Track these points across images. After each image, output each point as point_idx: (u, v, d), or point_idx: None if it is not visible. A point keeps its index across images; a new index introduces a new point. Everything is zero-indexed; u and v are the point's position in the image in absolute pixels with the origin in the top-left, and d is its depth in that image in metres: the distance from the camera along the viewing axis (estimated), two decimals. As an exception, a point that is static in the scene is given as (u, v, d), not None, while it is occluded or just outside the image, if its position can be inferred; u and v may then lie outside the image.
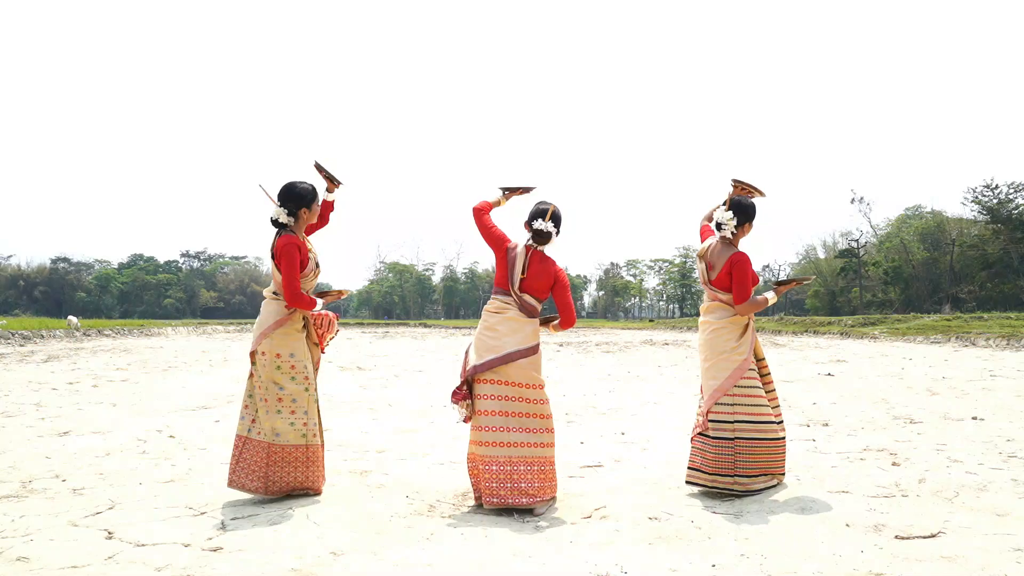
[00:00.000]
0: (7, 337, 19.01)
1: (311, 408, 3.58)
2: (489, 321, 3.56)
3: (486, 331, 3.54)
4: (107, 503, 3.53)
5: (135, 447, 5.00)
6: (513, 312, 3.55)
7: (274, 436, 3.48)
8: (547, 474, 3.45)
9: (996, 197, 41.64)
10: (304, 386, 3.56)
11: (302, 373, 3.57)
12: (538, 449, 3.44)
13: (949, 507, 3.46)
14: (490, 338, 3.50)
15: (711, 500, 3.65)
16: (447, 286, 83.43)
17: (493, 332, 3.51)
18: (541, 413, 3.49)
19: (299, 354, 3.58)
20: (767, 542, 2.96)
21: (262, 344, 3.54)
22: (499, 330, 3.51)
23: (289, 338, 3.57)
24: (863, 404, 7.23)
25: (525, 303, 3.58)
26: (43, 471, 4.21)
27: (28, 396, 7.74)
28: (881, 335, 24.05)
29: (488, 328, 3.54)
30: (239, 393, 8.25)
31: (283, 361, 3.53)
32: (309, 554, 2.80)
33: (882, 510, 3.41)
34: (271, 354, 3.53)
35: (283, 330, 3.56)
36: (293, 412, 3.52)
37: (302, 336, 3.63)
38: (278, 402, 3.50)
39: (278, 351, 3.53)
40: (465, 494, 3.76)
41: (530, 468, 3.40)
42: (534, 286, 3.60)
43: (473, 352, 3.53)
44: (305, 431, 3.54)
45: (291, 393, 3.52)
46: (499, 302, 3.60)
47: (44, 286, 74.58)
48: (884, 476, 4.09)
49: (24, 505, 3.48)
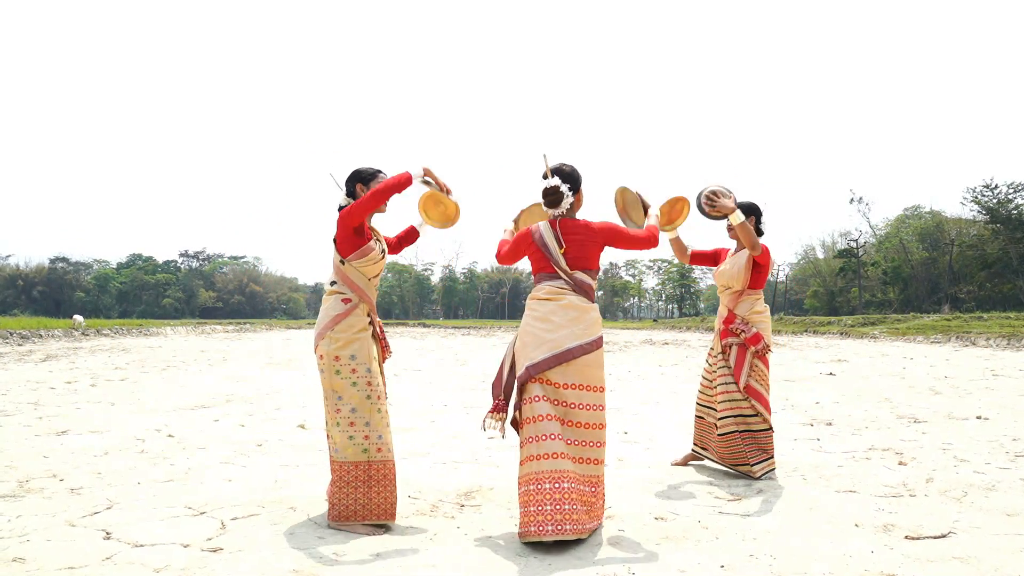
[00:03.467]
0: (5, 336, 18.94)
1: (374, 418, 3.10)
2: (540, 310, 2.95)
3: (538, 322, 2.94)
4: (105, 503, 3.48)
5: (133, 446, 4.94)
6: (571, 297, 2.95)
7: (334, 452, 3.12)
8: (599, 496, 2.94)
9: (995, 197, 41.63)
10: (366, 393, 3.09)
11: (364, 378, 3.09)
12: (593, 467, 2.90)
13: (958, 507, 3.42)
14: (544, 330, 2.91)
15: (716, 499, 3.61)
16: (446, 286, 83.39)
17: (547, 323, 2.91)
18: (600, 423, 2.93)
19: (361, 355, 3.11)
20: (776, 542, 2.92)
21: (320, 346, 3.13)
22: (554, 320, 2.91)
23: (350, 337, 3.11)
24: (866, 403, 7.19)
25: (579, 282, 3.00)
26: (40, 470, 4.16)
27: (26, 395, 7.69)
28: (881, 335, 24.03)
29: (540, 319, 2.93)
30: (238, 393, 8.20)
31: (342, 364, 3.09)
32: (310, 555, 2.75)
33: (891, 510, 3.36)
34: (329, 357, 3.10)
35: (343, 326, 3.11)
36: (352, 424, 3.08)
37: (366, 334, 3.16)
38: (336, 413, 3.10)
39: (337, 353, 3.09)
40: (468, 493, 3.71)
41: (584, 491, 2.84)
42: (580, 258, 3.01)
43: (522, 349, 2.95)
44: (367, 445, 3.08)
45: (350, 402, 3.08)
46: (550, 286, 2.99)
47: (43, 286, 74.42)
48: (891, 475, 4.05)
49: (21, 504, 3.43)
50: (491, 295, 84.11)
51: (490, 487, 3.84)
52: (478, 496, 3.68)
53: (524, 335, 2.96)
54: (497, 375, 3.05)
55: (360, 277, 3.15)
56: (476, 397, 7.96)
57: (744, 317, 4.09)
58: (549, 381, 2.87)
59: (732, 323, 4.10)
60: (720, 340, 4.17)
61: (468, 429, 5.75)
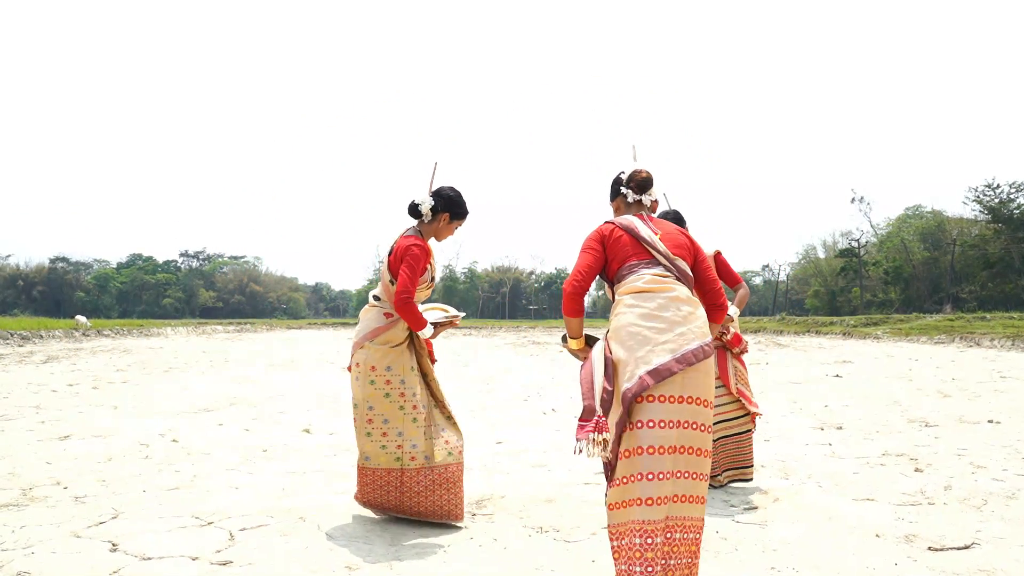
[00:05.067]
0: (6, 338, 18.89)
1: (408, 428, 3.11)
2: (646, 305, 2.28)
3: (644, 320, 2.25)
4: (110, 512, 3.42)
5: (138, 452, 4.88)
6: (680, 288, 2.34)
7: (364, 459, 3.15)
8: (699, 544, 2.27)
9: (997, 196, 41.56)
10: (399, 404, 3.11)
11: (397, 389, 3.12)
12: (701, 507, 2.24)
13: (979, 516, 3.36)
14: (656, 330, 2.23)
15: (731, 507, 3.55)
16: (446, 286, 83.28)
17: (659, 320, 2.25)
18: (709, 448, 2.27)
19: (397, 367, 3.13)
20: (797, 554, 2.86)
21: (357, 355, 3.15)
22: (666, 316, 2.25)
23: (388, 349, 3.13)
24: (875, 406, 7.13)
25: (682, 271, 2.41)
26: (44, 477, 4.10)
27: (28, 398, 7.63)
28: (884, 335, 23.97)
29: (648, 316, 2.26)
30: (241, 395, 8.14)
31: (378, 375, 3.10)
32: (323, 568, 2.69)
33: (911, 519, 3.30)
34: (365, 367, 3.12)
35: (382, 338, 3.13)
36: (385, 434, 3.10)
37: (403, 347, 3.16)
38: (368, 423, 3.11)
39: (373, 363, 3.11)
40: (479, 502, 3.65)
41: (690, 538, 2.21)
42: (676, 246, 2.46)
43: (628, 354, 2.22)
44: (400, 454, 3.10)
45: (383, 413, 3.10)
46: (651, 274, 2.36)
47: (43, 286, 74.37)
48: (908, 483, 3.99)
49: (25, 514, 3.37)
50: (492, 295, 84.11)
51: (501, 495, 3.78)
52: (489, 505, 3.62)
53: (626, 336, 2.25)
54: (584, 385, 2.29)
55: None
56: (480, 400, 7.90)
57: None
58: (663, 397, 2.18)
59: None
60: None
61: (474, 434, 5.68)
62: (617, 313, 2.35)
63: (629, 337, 2.25)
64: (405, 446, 3.10)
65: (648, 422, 2.16)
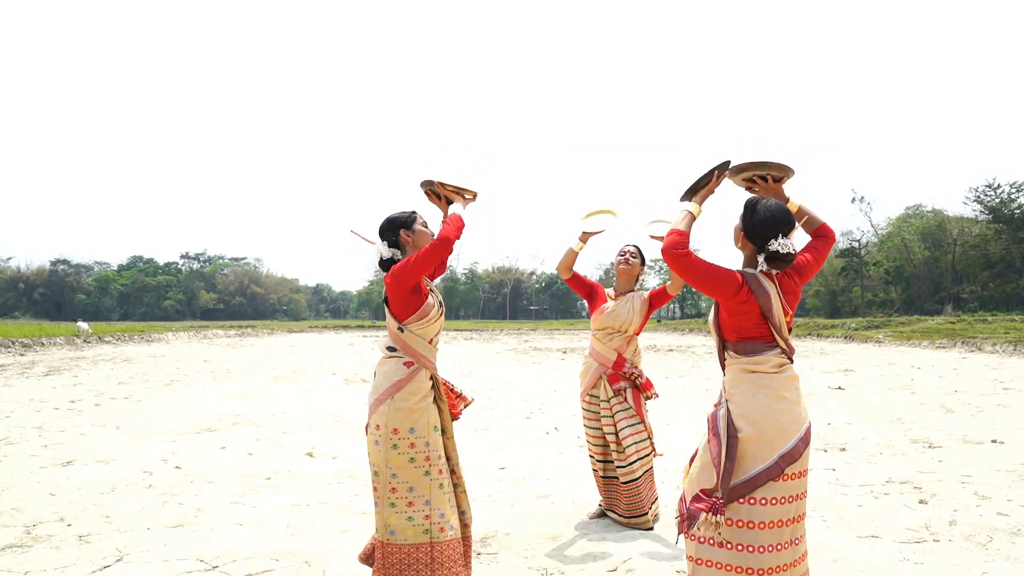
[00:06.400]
0: (7, 346, 18.90)
1: (435, 495, 2.75)
2: (773, 386, 2.32)
3: (774, 401, 2.30)
4: (115, 553, 3.41)
5: (141, 480, 4.88)
6: (793, 368, 2.41)
7: (388, 534, 2.72)
8: None
9: (998, 196, 41.58)
10: (424, 468, 2.74)
11: (422, 453, 2.75)
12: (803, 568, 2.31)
13: (984, 555, 3.35)
14: (783, 411, 2.29)
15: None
16: (447, 286, 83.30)
17: (783, 402, 2.30)
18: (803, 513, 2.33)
19: (421, 428, 2.76)
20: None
21: (376, 415, 2.76)
22: (788, 397, 2.32)
23: (411, 406, 2.76)
24: (878, 425, 7.12)
25: (792, 350, 2.45)
26: (47, 512, 4.10)
27: (30, 418, 7.63)
28: (885, 339, 23.96)
29: (776, 397, 2.31)
30: (243, 413, 8.14)
31: (400, 438, 2.73)
32: (328, 621, 2.68)
33: (916, 559, 3.30)
34: (387, 430, 2.73)
35: (404, 394, 2.76)
36: (411, 504, 2.72)
37: (427, 401, 2.82)
38: (391, 492, 2.72)
39: (396, 425, 2.73)
40: (484, 540, 3.64)
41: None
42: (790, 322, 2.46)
43: (760, 436, 2.25)
44: (428, 525, 2.73)
45: (407, 480, 2.72)
46: (777, 358, 2.36)
47: (44, 288, 74.45)
48: (912, 516, 3.98)
49: (28, 557, 3.36)
50: (492, 295, 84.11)
51: (506, 532, 3.78)
52: (494, 543, 3.62)
53: (759, 417, 2.27)
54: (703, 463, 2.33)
55: (420, 342, 2.80)
56: (483, 419, 7.89)
57: (632, 360, 3.94)
58: (788, 475, 2.25)
59: (623, 367, 3.88)
60: (610, 385, 3.90)
61: (476, 456, 5.67)
62: (745, 386, 2.34)
63: (760, 416, 2.27)
64: (433, 516, 2.74)
65: (759, 499, 2.22)
